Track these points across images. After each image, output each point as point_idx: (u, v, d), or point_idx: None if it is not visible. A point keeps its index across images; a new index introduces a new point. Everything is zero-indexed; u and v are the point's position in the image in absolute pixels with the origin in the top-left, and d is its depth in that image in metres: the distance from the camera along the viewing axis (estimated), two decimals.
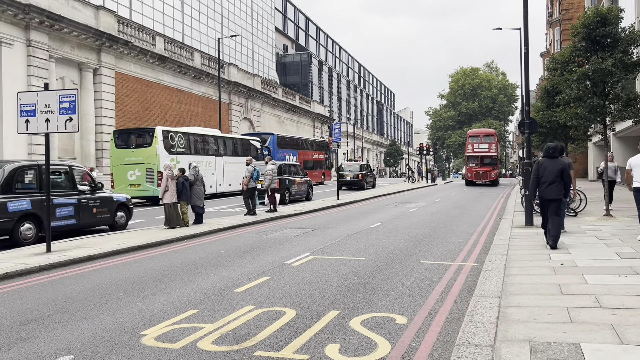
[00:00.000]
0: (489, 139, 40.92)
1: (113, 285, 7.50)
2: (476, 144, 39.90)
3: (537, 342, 4.31)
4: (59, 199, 12.00)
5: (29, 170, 11.76)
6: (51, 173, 11.46)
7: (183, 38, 49.02)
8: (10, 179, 11.08)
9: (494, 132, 44.37)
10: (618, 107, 15.23)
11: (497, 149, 40.95)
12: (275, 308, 6.06)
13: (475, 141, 40.29)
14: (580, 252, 8.58)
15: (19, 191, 11.26)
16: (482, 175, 38.61)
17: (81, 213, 12.64)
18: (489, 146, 39.88)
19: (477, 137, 41.06)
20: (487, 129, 49.06)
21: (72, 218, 12.40)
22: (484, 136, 41.29)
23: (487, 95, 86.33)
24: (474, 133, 42.62)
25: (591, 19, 14.55)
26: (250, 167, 16.93)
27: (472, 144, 40.14)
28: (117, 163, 23.20)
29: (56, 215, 11.82)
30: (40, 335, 5.27)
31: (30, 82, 24.72)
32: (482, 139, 40.41)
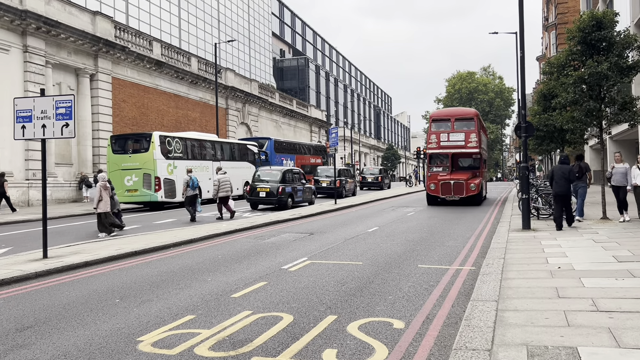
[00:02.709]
0: (467, 124, 23.74)
1: (110, 291, 7.47)
2: (444, 134, 23.53)
3: (534, 346, 4.31)
4: (299, 186, 23.60)
5: (293, 171, 24.37)
6: (295, 173, 24.07)
7: (180, 43, 49.08)
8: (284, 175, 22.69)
9: (475, 113, 24.96)
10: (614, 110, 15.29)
11: (479, 141, 23.45)
12: (273, 313, 6.04)
13: (443, 128, 23.83)
14: (577, 255, 8.59)
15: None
16: (455, 188, 22.19)
17: (305, 194, 24.14)
18: (467, 137, 23.16)
19: (446, 121, 24.08)
20: (463, 109, 29.45)
21: (301, 196, 23.68)
22: (458, 120, 23.84)
23: (484, 99, 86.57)
24: (441, 115, 25.61)
25: (586, 22, 14.62)
26: (186, 176, 17.94)
27: (438, 134, 23.65)
28: (114, 168, 23.17)
29: (298, 195, 23.28)
30: (37, 342, 5.24)
31: (27, 88, 24.69)
32: (455, 125, 23.56)
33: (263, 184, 22.03)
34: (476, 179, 22.57)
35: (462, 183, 21.98)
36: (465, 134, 23.04)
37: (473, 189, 21.91)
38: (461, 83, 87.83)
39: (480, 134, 23.52)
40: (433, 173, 23.26)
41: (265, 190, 21.65)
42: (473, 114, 24.44)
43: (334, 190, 26.46)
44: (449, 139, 23.14)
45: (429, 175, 23.48)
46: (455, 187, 22.05)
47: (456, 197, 22.05)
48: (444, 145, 23.21)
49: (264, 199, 21.83)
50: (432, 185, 22.80)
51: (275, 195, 21.54)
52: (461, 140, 23.01)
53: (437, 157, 23.60)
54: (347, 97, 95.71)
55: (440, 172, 23.02)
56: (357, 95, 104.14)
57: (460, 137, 23.05)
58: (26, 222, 18.17)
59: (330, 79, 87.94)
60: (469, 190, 21.94)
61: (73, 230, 15.83)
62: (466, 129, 23.24)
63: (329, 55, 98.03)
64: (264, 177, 22.63)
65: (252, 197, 22.12)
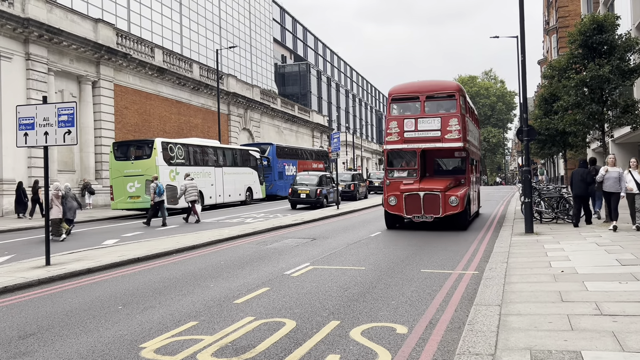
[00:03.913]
0: (445, 104, 15.92)
1: (112, 298, 7.47)
2: (410, 121, 15.74)
3: (537, 350, 4.29)
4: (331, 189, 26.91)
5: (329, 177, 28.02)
6: (328, 177, 27.22)
7: (182, 50, 49.23)
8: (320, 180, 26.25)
9: (457, 87, 16.13)
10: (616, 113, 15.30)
11: (464, 130, 15.45)
12: (275, 319, 6.03)
13: (409, 112, 16.17)
14: (580, 258, 8.56)
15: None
16: (427, 203, 14.82)
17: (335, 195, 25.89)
18: (444, 124, 15.42)
19: (412, 100, 16.06)
20: (439, 81, 17.37)
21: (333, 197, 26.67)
22: (431, 98, 15.85)
23: (486, 103, 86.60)
24: (406, 91, 16.33)
25: (587, 26, 14.66)
26: (153, 184, 18.79)
27: (400, 121, 15.89)
28: (116, 175, 23.21)
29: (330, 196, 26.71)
30: (39, 350, 5.24)
31: (30, 96, 24.78)
32: (426, 106, 15.80)
33: (303, 187, 26.00)
34: (459, 188, 15.13)
35: (436, 196, 14.38)
36: (442, 119, 15.09)
37: (454, 205, 14.31)
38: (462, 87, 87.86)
39: (465, 120, 15.35)
40: (394, 180, 15.47)
41: (306, 192, 25.65)
42: (454, 88, 15.65)
43: (349, 194, 31.23)
44: (417, 127, 15.22)
45: (387, 183, 15.59)
46: (426, 202, 14.45)
47: (428, 218, 14.58)
48: (409, 137, 15.29)
49: (304, 200, 25.78)
50: (392, 199, 15.03)
51: (314, 197, 25.54)
52: (436, 129, 15.07)
53: (399, 156, 15.88)
54: (348, 102, 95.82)
55: (405, 179, 15.35)
56: (359, 100, 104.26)
57: (435, 124, 15.13)
58: (28, 230, 18.21)
59: (332, 84, 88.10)
60: (448, 206, 14.35)
61: (76, 237, 15.85)
62: (444, 112, 15.27)
63: (330, 61, 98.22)
64: (303, 181, 26.49)
65: (293, 198, 25.96)
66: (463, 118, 15.29)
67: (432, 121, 15.31)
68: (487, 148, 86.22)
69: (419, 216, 14.74)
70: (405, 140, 15.45)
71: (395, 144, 15.66)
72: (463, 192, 14.86)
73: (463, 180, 15.91)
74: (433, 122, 15.29)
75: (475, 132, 19.18)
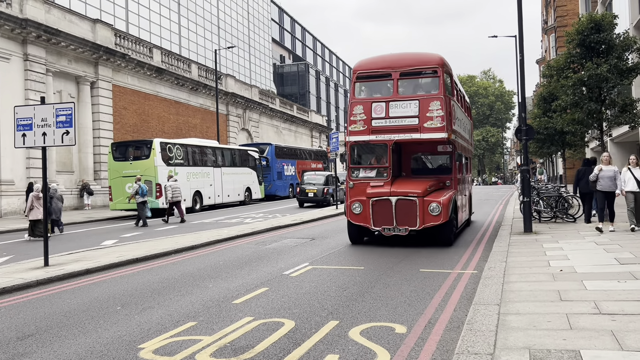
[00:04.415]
0: (424, 83, 12.71)
1: (111, 298, 7.46)
2: (379, 105, 12.30)
3: (536, 349, 4.29)
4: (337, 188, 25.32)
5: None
6: (334, 177, 25.87)
7: (180, 50, 49.19)
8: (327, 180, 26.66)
9: (439, 60, 12.16)
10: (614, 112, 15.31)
11: (449, 117, 12.00)
12: (274, 319, 6.03)
13: (379, 94, 13.00)
14: (579, 257, 8.57)
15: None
16: (400, 211, 11.53)
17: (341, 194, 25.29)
18: (423, 109, 11.89)
19: (383, 78, 12.76)
20: (415, 54, 13.33)
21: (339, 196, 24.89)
22: (407, 76, 12.46)
23: (484, 103, 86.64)
24: (374, 67, 12.71)
25: (585, 25, 14.67)
26: (135, 185, 19.25)
27: (367, 105, 12.40)
28: (115, 176, 23.20)
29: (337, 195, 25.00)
30: (38, 351, 5.23)
31: (28, 96, 24.75)
32: (400, 87, 12.40)
33: (311, 186, 26.93)
34: (443, 192, 12.01)
35: (412, 202, 11.36)
36: (420, 103, 11.86)
37: (435, 214, 11.28)
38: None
39: (450, 104, 12.19)
40: (359, 182, 12.36)
41: (313, 191, 26.64)
42: (436, 62, 12.19)
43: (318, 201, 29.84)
44: (389, 113, 12.05)
45: (350, 186, 12.44)
46: (400, 211, 11.45)
47: (402, 231, 11.52)
48: (379, 127, 12.14)
49: (311, 198, 26.67)
50: (355, 207, 11.97)
51: (321, 195, 26.46)
52: (412, 115, 11.90)
53: (366, 151, 12.82)
54: (347, 101, 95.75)
55: (373, 180, 12.25)
56: None
57: (411, 109, 11.92)
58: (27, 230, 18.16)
59: (331, 84, 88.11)
60: (428, 215, 11.33)
61: (74, 238, 15.84)
62: (423, 94, 12.08)
63: (329, 61, 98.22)
64: (311, 181, 27.45)
65: (301, 197, 26.98)
66: (448, 101, 11.91)
67: (408, 105, 11.95)
68: (486, 147, 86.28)
69: (390, 228, 11.53)
70: (373, 130, 12.17)
71: (361, 135, 12.33)
72: (447, 198, 11.63)
73: (448, 181, 12.63)
74: (409, 106, 11.94)
75: (465, 122, 15.40)
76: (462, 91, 16.05)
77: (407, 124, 11.94)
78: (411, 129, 11.92)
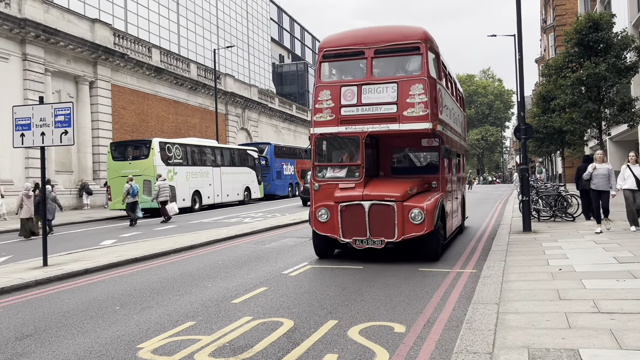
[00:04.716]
0: (404, 63, 10.52)
1: (110, 298, 7.45)
2: (349, 89, 10.09)
3: (535, 348, 4.29)
4: None
5: None
6: None
7: (179, 50, 49.17)
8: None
9: (423, 35, 9.94)
10: (613, 111, 15.33)
11: (434, 102, 9.88)
12: (273, 319, 6.02)
13: (351, 76, 10.72)
14: (578, 256, 8.57)
15: None
16: (374, 219, 9.41)
17: None
18: (402, 94, 9.74)
19: (355, 57, 10.41)
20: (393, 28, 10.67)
21: None
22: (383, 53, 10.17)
23: (484, 102, 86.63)
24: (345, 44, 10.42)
25: (583, 24, 14.68)
26: (127, 185, 19.43)
27: (336, 90, 10.18)
28: (114, 175, 23.19)
29: None
30: (36, 351, 5.23)
31: (27, 96, 24.73)
32: (375, 67, 10.18)
33: None
34: (428, 195, 10.00)
35: (389, 208, 9.39)
36: (399, 86, 9.85)
37: (417, 222, 9.29)
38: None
39: (436, 88, 10.19)
40: (326, 183, 10.29)
41: None
42: (418, 36, 10.08)
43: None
44: (361, 99, 10.04)
45: (316, 188, 10.36)
46: (374, 218, 9.48)
47: (377, 243, 9.49)
48: (349, 116, 10.13)
49: None
50: (322, 213, 9.88)
51: None
52: (390, 102, 9.90)
53: (334, 146, 10.74)
54: None
55: (343, 181, 10.20)
56: None
57: (388, 94, 9.93)
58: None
59: None
60: (409, 224, 9.36)
61: (73, 238, 15.83)
62: (403, 76, 10.12)
63: None
64: None
65: (305, 196, 26.59)
66: (433, 84, 9.86)
67: (384, 89, 9.84)
68: (485, 147, 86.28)
69: (362, 240, 9.48)
70: (342, 120, 10.05)
71: (327, 126, 10.18)
72: (432, 202, 9.55)
73: (435, 182, 10.51)
74: (385, 90, 9.83)
75: (456, 112, 13.36)
76: (454, 77, 13.88)
77: (383, 113, 9.87)
78: (388, 119, 9.84)
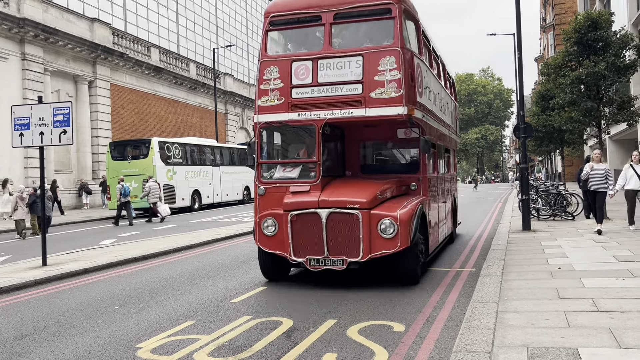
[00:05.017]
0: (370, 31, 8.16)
1: (109, 298, 7.45)
2: (301, 65, 7.77)
3: (534, 347, 4.29)
4: None
5: None
6: None
7: (178, 49, 49.10)
8: None
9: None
10: (612, 110, 15.32)
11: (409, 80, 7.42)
12: (272, 318, 6.02)
13: (305, 47, 8.39)
14: (577, 255, 8.57)
15: None
16: (333, 233, 7.13)
17: None
18: (369, 68, 7.44)
19: (309, 22, 8.06)
20: None
21: None
22: (341, 20, 7.86)
23: (483, 101, 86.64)
24: (297, 7, 7.96)
25: (582, 23, 14.67)
26: (119, 185, 19.68)
27: (287, 65, 7.91)
28: (113, 175, 23.17)
29: None
30: (35, 350, 5.22)
31: (26, 96, 24.70)
32: (335, 37, 7.97)
33: None
34: (402, 201, 7.77)
35: (352, 218, 7.17)
36: (365, 60, 7.57)
37: (389, 235, 7.09)
38: (460, 85, 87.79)
39: (414, 62, 7.83)
40: (273, 186, 8.07)
41: None
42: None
43: None
44: (317, 78, 7.77)
45: (261, 192, 8.09)
46: (333, 231, 7.24)
47: (337, 263, 7.24)
48: (302, 99, 7.89)
49: None
50: (267, 225, 7.70)
51: None
52: (353, 80, 7.63)
53: (283, 138, 8.80)
54: None
55: (295, 184, 7.92)
56: None
57: (351, 70, 7.64)
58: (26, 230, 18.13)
59: None
60: (378, 239, 7.14)
61: (73, 237, 15.83)
62: (369, 47, 7.79)
63: None
64: None
65: None
66: (409, 58, 7.59)
67: (347, 64, 7.58)
68: (485, 145, 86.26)
69: (318, 259, 7.25)
70: (294, 104, 7.80)
71: (275, 113, 7.91)
72: (409, 210, 7.38)
73: (414, 184, 8.34)
74: (348, 65, 7.57)
75: (444, 97, 10.93)
76: (441, 57, 11.01)
77: (345, 95, 7.54)
78: (352, 102, 7.51)
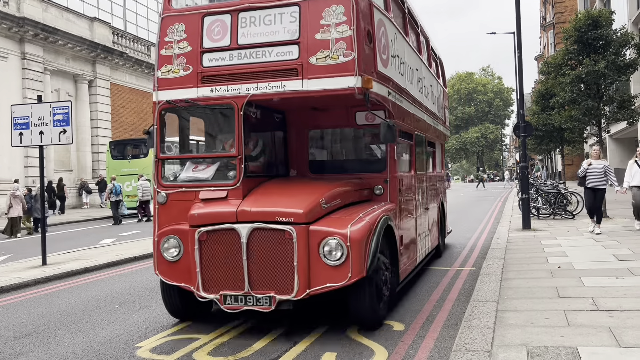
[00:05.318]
0: None
1: (109, 297, 7.45)
2: (219, 19, 5.40)
3: (534, 346, 4.29)
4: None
5: None
6: None
7: None
8: None
9: None
10: (612, 108, 15.30)
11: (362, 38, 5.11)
12: (272, 317, 6.00)
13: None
14: (577, 254, 8.56)
15: None
16: (255, 260, 4.94)
17: None
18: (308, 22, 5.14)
19: None
20: None
21: None
22: None
23: (483, 100, 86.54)
24: None
25: (582, 22, 14.65)
26: (110, 184, 20.06)
27: (197, 20, 5.50)
28: (113, 174, 23.14)
29: None
30: (35, 350, 5.22)
31: (26, 95, 24.70)
32: None
33: None
34: (356, 211, 5.44)
35: (283, 236, 4.96)
36: (302, 11, 5.26)
37: (335, 261, 4.87)
38: (460, 84, 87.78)
39: (374, 18, 5.56)
40: (178, 191, 5.72)
41: None
42: None
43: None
44: (237, 39, 5.42)
45: (161, 199, 5.70)
46: (257, 255, 5.01)
47: (262, 302, 5.01)
48: (216, 68, 5.54)
49: None
50: (168, 246, 5.41)
51: None
52: (286, 40, 5.33)
53: (192, 124, 6.46)
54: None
55: (207, 187, 5.60)
56: None
57: (284, 26, 5.34)
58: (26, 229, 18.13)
59: None
60: (319, 267, 4.90)
61: (73, 237, 15.82)
62: None
63: None
64: None
65: None
66: (366, 10, 5.50)
67: (278, 19, 5.45)
68: (485, 144, 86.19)
69: (237, 296, 5.15)
70: (206, 75, 5.66)
71: (181, 87, 5.74)
72: (365, 225, 5.22)
73: (380, 187, 6.28)
74: (280, 20, 5.44)
75: (427, 77, 8.91)
76: (421, 25, 8.94)
77: (275, 61, 5.43)
78: (284, 71, 5.41)
